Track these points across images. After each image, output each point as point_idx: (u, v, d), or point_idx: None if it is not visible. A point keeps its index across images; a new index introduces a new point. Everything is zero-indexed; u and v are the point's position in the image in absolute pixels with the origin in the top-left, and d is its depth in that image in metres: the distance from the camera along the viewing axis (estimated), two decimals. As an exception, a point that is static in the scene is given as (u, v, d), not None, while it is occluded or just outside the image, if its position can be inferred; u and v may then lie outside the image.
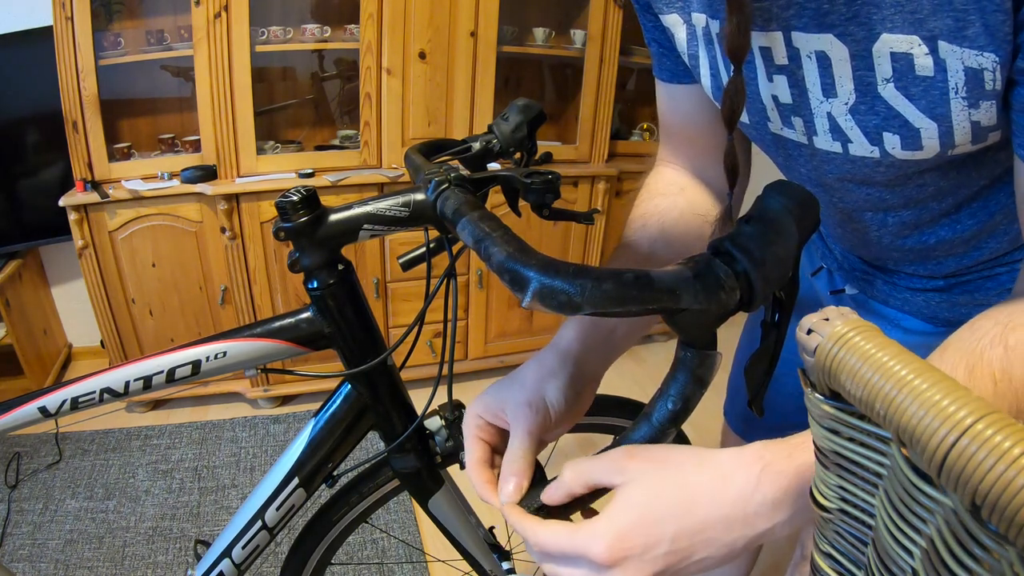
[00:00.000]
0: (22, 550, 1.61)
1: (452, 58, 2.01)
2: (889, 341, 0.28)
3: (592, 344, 0.56)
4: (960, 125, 0.44)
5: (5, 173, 2.01)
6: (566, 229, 2.36)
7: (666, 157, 0.71)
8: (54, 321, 2.40)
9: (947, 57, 0.41)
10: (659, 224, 0.63)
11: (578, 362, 0.55)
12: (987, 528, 0.23)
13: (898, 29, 0.41)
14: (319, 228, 0.59)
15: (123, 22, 1.95)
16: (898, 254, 0.65)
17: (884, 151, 0.48)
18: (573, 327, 0.56)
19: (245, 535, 0.75)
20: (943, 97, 0.43)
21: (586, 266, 0.35)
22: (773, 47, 0.49)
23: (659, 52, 0.64)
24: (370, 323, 0.69)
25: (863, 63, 0.45)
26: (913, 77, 0.43)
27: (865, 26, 0.43)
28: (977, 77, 0.41)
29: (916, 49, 0.42)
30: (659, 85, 0.67)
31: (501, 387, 0.54)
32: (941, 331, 0.66)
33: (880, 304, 0.72)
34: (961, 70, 0.41)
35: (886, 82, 0.44)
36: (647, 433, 0.44)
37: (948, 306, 0.65)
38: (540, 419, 0.51)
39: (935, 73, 0.42)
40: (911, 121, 0.45)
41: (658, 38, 0.62)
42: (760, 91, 0.54)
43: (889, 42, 0.42)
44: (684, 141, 0.68)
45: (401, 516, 1.78)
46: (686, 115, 0.66)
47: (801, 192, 0.37)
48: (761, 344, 0.43)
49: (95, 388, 0.66)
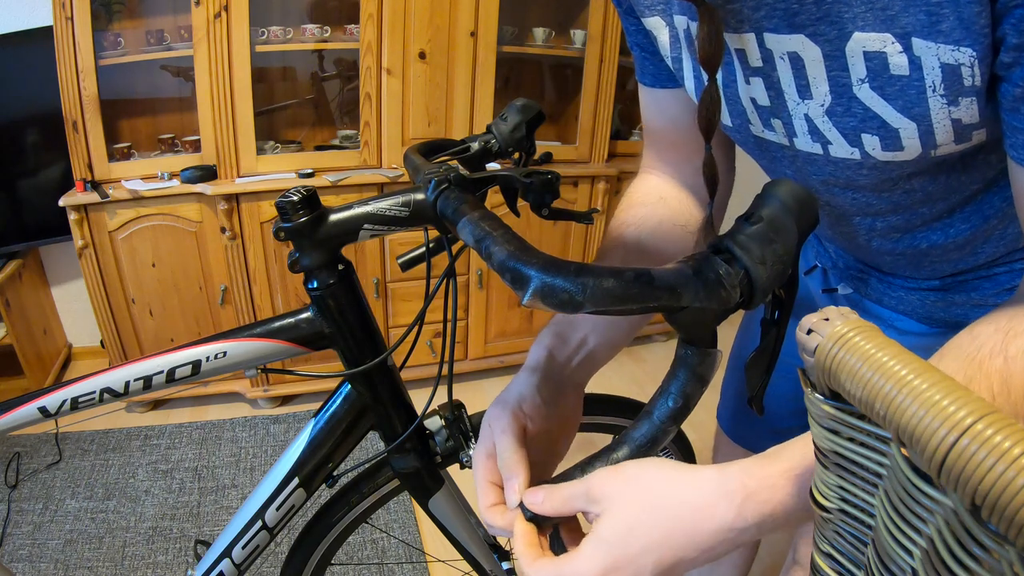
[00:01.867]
0: (22, 550, 1.61)
1: (452, 58, 2.01)
2: (889, 341, 0.28)
3: (562, 353, 0.58)
4: (940, 124, 0.43)
5: (5, 173, 2.01)
6: (566, 229, 2.36)
7: (650, 163, 0.70)
8: (54, 321, 2.40)
9: (922, 54, 0.40)
10: (636, 234, 0.63)
11: (547, 368, 0.56)
12: (987, 528, 0.23)
13: (870, 27, 0.40)
14: (319, 228, 0.59)
15: (123, 22, 1.95)
16: (890, 258, 0.64)
17: (864, 152, 0.48)
18: (537, 345, 0.58)
19: (245, 535, 0.75)
20: (920, 96, 0.42)
21: (587, 264, 0.35)
22: (747, 49, 0.48)
23: (642, 56, 0.63)
24: (370, 323, 0.69)
25: (836, 63, 0.44)
26: (888, 77, 0.42)
27: (836, 25, 0.42)
28: (955, 73, 0.39)
29: (889, 47, 0.40)
30: (642, 90, 0.67)
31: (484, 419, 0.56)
32: (936, 332, 0.66)
33: (874, 304, 0.71)
34: (937, 67, 0.40)
35: (861, 82, 0.44)
36: (648, 431, 0.44)
37: (944, 306, 0.64)
38: (511, 416, 0.52)
39: (911, 72, 0.41)
40: (889, 122, 0.44)
41: (640, 42, 0.62)
42: (739, 93, 0.53)
43: (862, 41, 0.41)
44: (668, 146, 0.68)
45: (401, 516, 1.78)
46: (670, 119, 0.66)
47: (801, 190, 0.37)
48: (761, 342, 0.43)
49: (95, 388, 0.66)
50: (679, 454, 1.12)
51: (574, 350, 0.58)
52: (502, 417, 0.52)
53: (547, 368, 0.56)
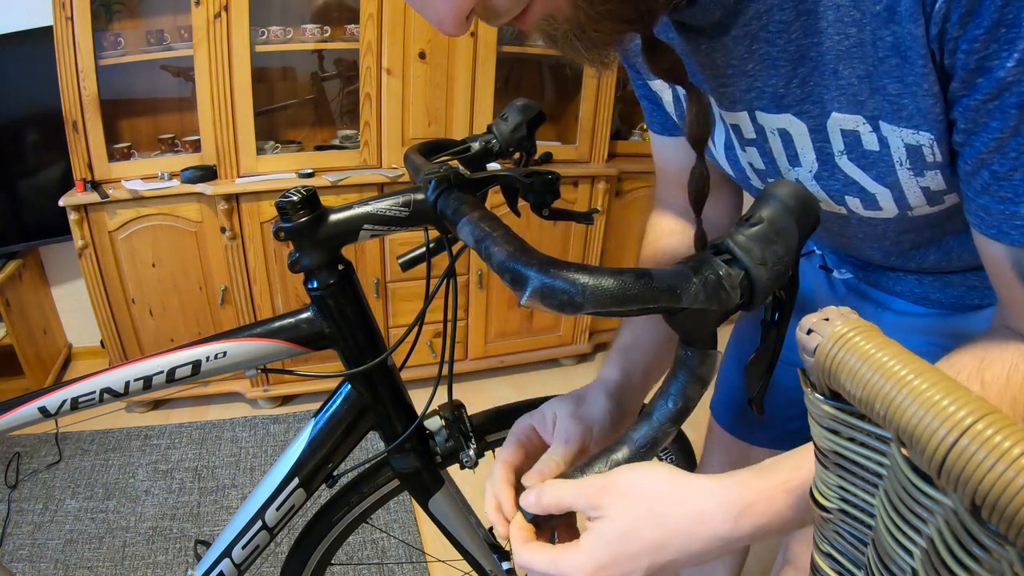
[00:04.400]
0: (22, 550, 1.61)
1: (452, 58, 2.01)
2: (889, 341, 0.28)
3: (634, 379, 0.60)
4: (911, 190, 0.47)
5: (5, 173, 2.01)
6: (566, 229, 2.36)
7: (664, 198, 0.75)
8: (54, 321, 2.40)
9: (888, 135, 0.44)
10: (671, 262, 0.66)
11: (621, 393, 0.59)
12: (987, 528, 0.23)
13: (844, 109, 0.45)
14: (319, 228, 0.59)
15: (123, 22, 1.95)
16: (889, 268, 0.67)
17: (849, 210, 0.52)
18: (615, 366, 0.61)
19: (245, 535, 0.75)
20: (890, 168, 0.46)
21: (587, 265, 0.35)
22: (741, 124, 0.53)
23: (650, 107, 0.67)
24: (370, 323, 0.69)
25: (820, 136, 0.48)
26: (862, 151, 0.47)
27: (819, 104, 0.46)
28: (917, 152, 0.44)
29: (861, 127, 0.45)
30: (653, 136, 0.71)
31: (553, 402, 0.58)
32: (933, 312, 0.67)
33: (871, 287, 0.72)
34: (902, 146, 0.44)
35: (841, 154, 0.48)
36: (648, 432, 0.44)
37: (940, 286, 0.65)
38: (581, 433, 0.54)
39: (880, 148, 0.45)
40: (867, 188, 0.49)
41: (648, 95, 0.66)
42: (739, 157, 0.58)
43: (839, 120, 0.46)
44: (677, 186, 0.71)
45: (401, 516, 1.78)
46: (677, 164, 0.69)
47: (801, 192, 0.38)
48: (761, 343, 0.43)
49: (95, 388, 0.66)
50: (679, 454, 1.12)
51: (641, 378, 0.61)
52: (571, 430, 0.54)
53: (620, 394, 0.59)
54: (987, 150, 0.38)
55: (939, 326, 0.65)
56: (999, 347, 0.42)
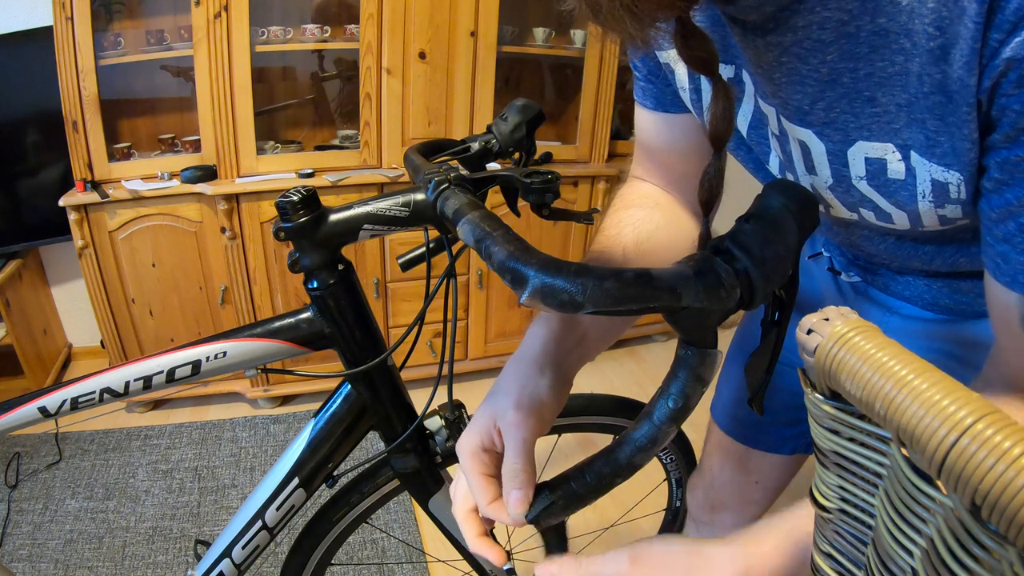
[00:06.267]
0: (22, 550, 1.61)
1: (452, 58, 2.01)
2: (889, 341, 0.28)
3: (567, 345, 0.56)
4: (927, 216, 0.48)
5: (5, 173, 2.01)
6: (566, 229, 2.36)
7: (640, 175, 0.71)
8: (54, 321, 2.40)
9: (917, 166, 0.44)
10: (634, 234, 0.63)
11: (557, 362, 0.55)
12: (987, 528, 0.23)
13: (875, 137, 0.45)
14: (319, 228, 0.59)
15: (123, 22, 1.95)
16: (897, 262, 0.66)
17: (861, 217, 0.53)
18: (542, 332, 0.56)
19: (245, 535, 0.75)
20: (912, 198, 0.46)
21: (587, 265, 0.35)
22: (769, 117, 0.53)
23: (646, 79, 0.63)
24: (370, 323, 0.69)
25: (838, 160, 0.48)
26: (885, 179, 0.46)
27: (842, 131, 0.46)
28: (943, 188, 0.44)
29: (890, 155, 0.45)
30: (641, 111, 0.66)
31: (484, 408, 0.53)
32: (941, 318, 0.66)
33: (879, 291, 0.72)
34: (928, 180, 0.44)
35: (860, 179, 0.48)
36: (648, 432, 0.44)
37: (950, 292, 0.65)
38: (534, 422, 0.50)
39: (906, 177, 0.45)
40: (882, 207, 0.49)
41: (651, 66, 0.62)
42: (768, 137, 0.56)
43: (864, 148, 0.46)
44: (662, 165, 0.69)
45: (401, 516, 1.78)
46: (668, 143, 0.66)
47: (801, 191, 0.37)
48: (761, 342, 0.43)
49: (95, 388, 0.66)
50: (679, 454, 1.12)
51: (575, 341, 0.57)
52: (523, 424, 0.49)
53: (553, 363, 0.54)
54: (1018, 203, 0.39)
55: (946, 332, 0.65)
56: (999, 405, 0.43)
